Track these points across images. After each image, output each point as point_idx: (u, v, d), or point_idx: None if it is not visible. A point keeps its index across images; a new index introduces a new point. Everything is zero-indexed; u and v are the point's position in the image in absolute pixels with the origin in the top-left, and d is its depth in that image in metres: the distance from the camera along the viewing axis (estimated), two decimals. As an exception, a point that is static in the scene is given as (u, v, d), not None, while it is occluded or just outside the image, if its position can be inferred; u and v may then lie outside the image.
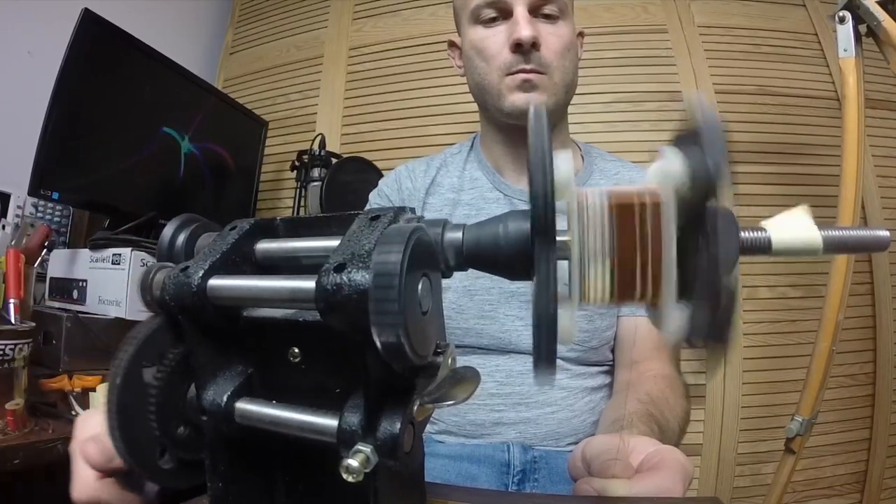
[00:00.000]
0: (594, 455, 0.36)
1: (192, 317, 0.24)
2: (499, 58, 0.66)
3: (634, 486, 0.33)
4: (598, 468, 0.35)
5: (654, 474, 0.34)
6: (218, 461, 0.26)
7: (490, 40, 0.67)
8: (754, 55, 1.26)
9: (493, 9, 0.67)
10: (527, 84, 0.65)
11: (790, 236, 0.20)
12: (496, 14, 0.67)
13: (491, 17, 0.67)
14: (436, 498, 0.34)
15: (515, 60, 0.65)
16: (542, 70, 0.65)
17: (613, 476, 0.34)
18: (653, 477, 0.34)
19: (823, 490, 1.11)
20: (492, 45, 0.67)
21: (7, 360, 0.54)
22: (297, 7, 1.56)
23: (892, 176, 1.21)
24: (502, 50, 0.66)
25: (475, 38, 0.69)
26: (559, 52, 0.66)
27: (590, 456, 0.36)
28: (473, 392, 0.23)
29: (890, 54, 0.78)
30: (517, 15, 0.64)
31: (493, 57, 0.67)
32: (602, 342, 0.67)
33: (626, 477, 0.34)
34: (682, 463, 0.35)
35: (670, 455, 0.36)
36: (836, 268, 0.88)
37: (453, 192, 0.73)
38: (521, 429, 0.63)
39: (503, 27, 0.66)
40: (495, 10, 0.67)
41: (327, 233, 0.26)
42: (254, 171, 1.41)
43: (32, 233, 0.90)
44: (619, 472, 0.34)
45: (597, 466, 0.35)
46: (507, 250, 0.21)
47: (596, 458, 0.35)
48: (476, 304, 0.66)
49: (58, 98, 0.86)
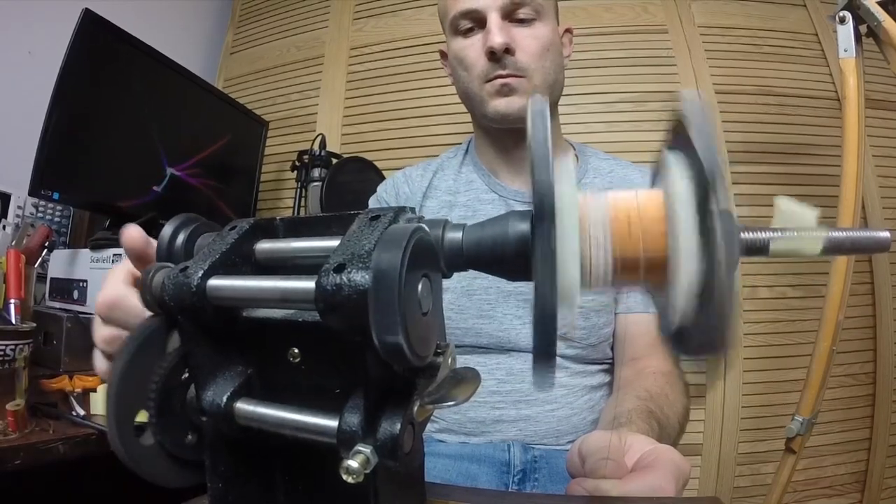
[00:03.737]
0: (589, 452, 0.36)
1: (192, 317, 0.24)
2: (477, 66, 0.68)
3: (626, 486, 0.33)
4: (590, 467, 0.35)
5: (646, 474, 0.34)
6: (218, 461, 0.26)
7: (468, 50, 0.69)
8: (754, 55, 1.26)
9: (469, 19, 0.69)
10: (505, 88, 0.67)
11: (789, 237, 0.20)
12: (472, 24, 0.69)
13: (468, 28, 0.69)
14: (436, 498, 0.34)
15: (492, 68, 0.67)
16: (520, 73, 0.67)
17: (604, 476, 0.34)
18: (645, 476, 0.34)
19: (823, 490, 1.11)
20: (470, 55, 0.69)
21: (8, 360, 0.54)
22: (297, 7, 1.56)
23: (892, 176, 1.21)
24: (480, 58, 0.68)
25: (456, 48, 0.71)
26: (536, 53, 0.67)
27: (585, 452, 0.36)
28: (474, 393, 0.23)
29: (890, 54, 0.78)
30: (490, 23, 0.66)
31: (472, 66, 0.69)
32: (600, 339, 0.68)
33: (618, 476, 0.34)
34: (676, 463, 0.35)
35: (666, 455, 0.36)
36: (836, 268, 0.88)
37: (449, 194, 0.75)
38: (521, 426, 0.63)
39: (479, 36, 0.68)
40: (471, 20, 0.69)
41: (327, 233, 0.26)
42: (254, 171, 1.41)
43: (33, 233, 0.90)
44: (611, 472, 0.34)
45: (590, 465, 0.35)
46: (507, 251, 0.21)
47: (590, 455, 0.36)
48: (475, 304, 0.67)
49: (58, 98, 0.86)
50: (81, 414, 0.62)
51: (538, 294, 0.18)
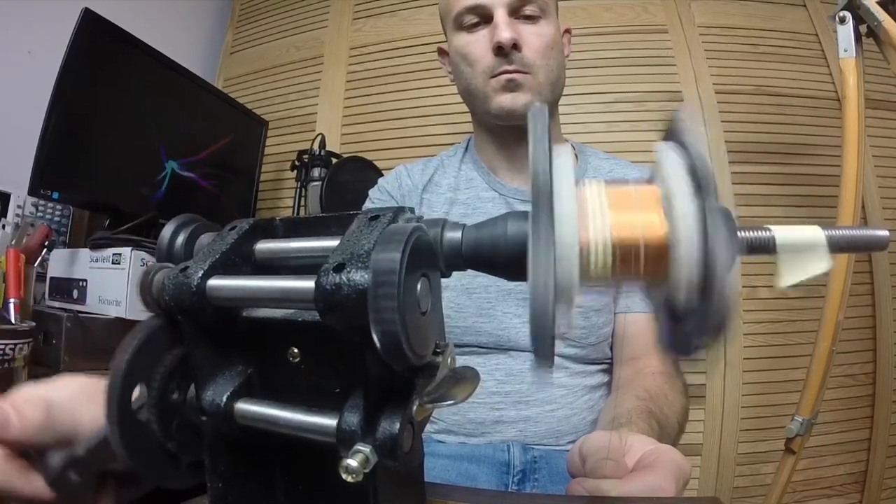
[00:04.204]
0: (590, 452, 0.36)
1: (192, 317, 0.24)
2: (482, 61, 0.68)
3: (626, 486, 0.33)
4: (590, 467, 0.35)
5: (646, 473, 0.34)
6: (218, 461, 0.26)
7: (473, 45, 0.69)
8: (754, 55, 1.26)
9: (474, 14, 0.69)
10: (511, 83, 0.66)
11: (793, 236, 0.20)
12: (478, 19, 0.69)
13: (473, 23, 0.69)
14: (436, 498, 0.34)
15: (498, 63, 0.66)
16: (526, 70, 0.67)
17: (604, 476, 0.34)
18: (645, 476, 0.34)
19: (823, 490, 1.11)
20: (475, 50, 0.68)
21: (7, 359, 0.54)
22: (297, 7, 1.56)
23: (892, 176, 1.21)
24: (486, 54, 0.67)
25: (459, 44, 0.70)
26: (541, 51, 0.67)
27: (586, 452, 0.36)
28: (473, 392, 0.23)
29: (890, 54, 0.78)
30: (497, 18, 0.66)
31: (477, 61, 0.68)
32: (600, 339, 0.68)
33: (618, 476, 0.34)
34: (677, 462, 0.35)
35: (667, 455, 0.36)
36: (836, 268, 0.88)
37: (450, 191, 0.75)
38: (521, 427, 0.63)
39: (485, 31, 0.68)
40: (476, 15, 0.69)
41: (327, 233, 0.26)
42: (254, 171, 1.41)
43: (32, 232, 0.90)
44: (611, 472, 0.34)
45: (590, 465, 0.35)
46: (506, 251, 0.21)
47: (591, 455, 0.36)
48: (474, 303, 0.67)
49: (58, 98, 0.86)
50: (81, 414, 0.62)
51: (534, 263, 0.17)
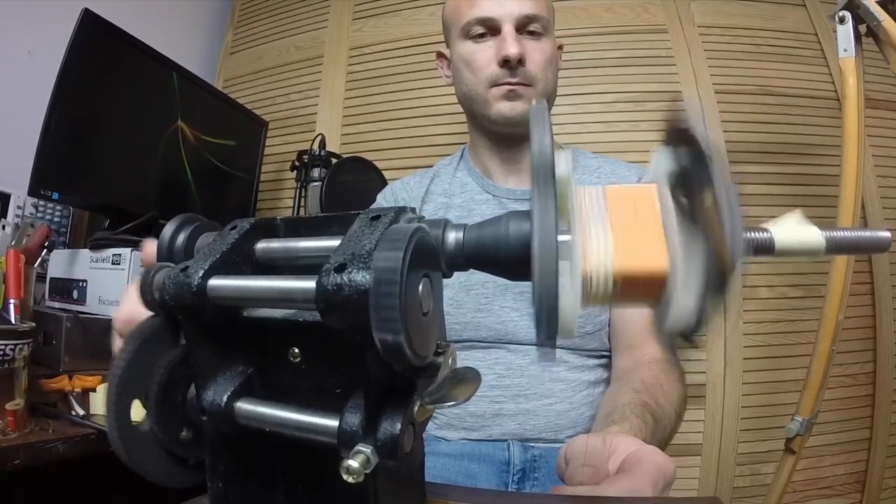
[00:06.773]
0: (571, 457, 0.37)
1: (192, 317, 0.24)
2: (486, 70, 0.71)
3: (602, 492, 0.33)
4: (569, 474, 0.36)
5: (623, 478, 0.34)
6: (218, 461, 0.26)
7: (479, 54, 0.72)
8: (754, 55, 1.26)
9: (483, 26, 0.72)
10: (512, 94, 0.70)
11: (792, 237, 0.20)
12: (485, 31, 0.72)
13: (480, 34, 0.72)
14: (436, 498, 0.34)
15: (502, 74, 0.70)
16: (528, 83, 0.71)
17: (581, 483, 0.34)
18: (622, 481, 0.34)
19: (823, 490, 1.11)
20: (480, 59, 0.72)
21: (7, 360, 0.53)
22: (297, 7, 1.56)
23: (892, 176, 1.21)
24: (490, 63, 0.71)
25: (465, 51, 0.73)
26: (543, 65, 0.71)
27: (569, 457, 0.37)
28: (474, 393, 0.23)
29: (890, 54, 0.78)
30: (505, 33, 0.70)
31: (480, 69, 0.72)
32: (597, 327, 0.69)
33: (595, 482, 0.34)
34: (658, 464, 0.35)
35: (648, 457, 0.36)
36: (836, 268, 0.88)
37: (445, 196, 0.77)
38: (520, 420, 0.64)
39: (491, 42, 0.71)
40: (484, 27, 0.72)
41: (328, 233, 0.26)
42: (254, 171, 1.41)
43: (32, 233, 0.90)
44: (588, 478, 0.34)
45: (569, 472, 0.36)
46: (507, 250, 0.21)
47: (572, 460, 0.36)
48: (473, 299, 0.68)
49: (58, 98, 0.86)
50: (81, 414, 0.62)
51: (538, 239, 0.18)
